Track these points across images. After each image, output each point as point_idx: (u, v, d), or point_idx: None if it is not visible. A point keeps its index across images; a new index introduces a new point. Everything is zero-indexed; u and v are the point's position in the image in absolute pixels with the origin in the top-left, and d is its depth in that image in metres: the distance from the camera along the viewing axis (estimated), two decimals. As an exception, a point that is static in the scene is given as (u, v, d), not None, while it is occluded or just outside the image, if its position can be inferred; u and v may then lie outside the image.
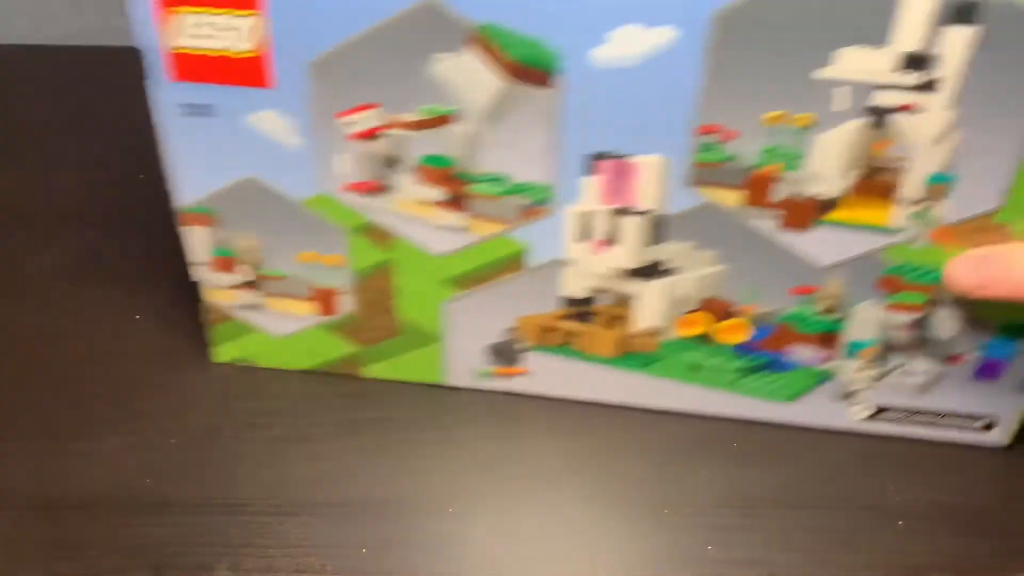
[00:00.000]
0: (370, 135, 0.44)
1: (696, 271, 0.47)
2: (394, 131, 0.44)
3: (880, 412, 0.51)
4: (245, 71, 0.43)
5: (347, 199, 0.47)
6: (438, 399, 0.54)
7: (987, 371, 0.48)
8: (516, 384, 0.53)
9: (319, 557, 0.45)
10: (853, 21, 0.38)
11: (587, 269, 0.47)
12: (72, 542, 0.46)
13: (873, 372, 0.49)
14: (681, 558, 0.45)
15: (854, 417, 0.51)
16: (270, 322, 0.53)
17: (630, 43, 0.40)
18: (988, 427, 0.51)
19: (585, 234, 0.46)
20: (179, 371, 0.55)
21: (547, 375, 0.52)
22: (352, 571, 0.45)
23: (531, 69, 0.41)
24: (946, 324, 0.46)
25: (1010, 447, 0.51)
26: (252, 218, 0.48)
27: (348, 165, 0.46)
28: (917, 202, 0.42)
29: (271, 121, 0.44)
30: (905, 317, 0.46)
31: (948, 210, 0.42)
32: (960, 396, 0.49)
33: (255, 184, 0.47)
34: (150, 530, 0.46)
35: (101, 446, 0.50)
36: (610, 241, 0.46)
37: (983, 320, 0.46)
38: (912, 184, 0.42)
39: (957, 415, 0.50)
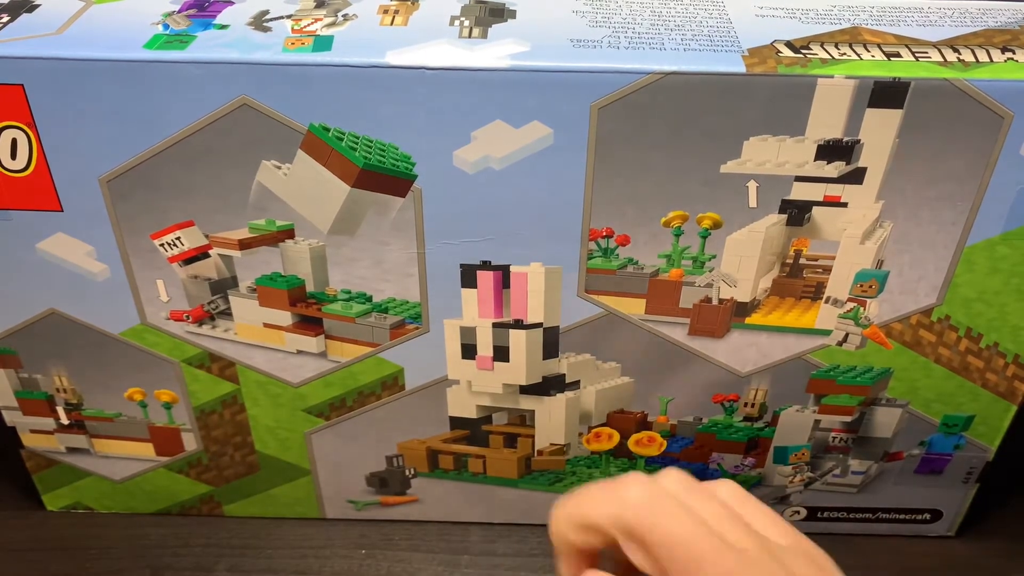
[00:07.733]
0: (194, 256, 0.36)
1: (599, 384, 0.40)
2: (222, 250, 0.36)
3: (818, 512, 0.45)
4: (23, 192, 0.34)
5: (174, 329, 0.39)
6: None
7: (930, 466, 0.43)
8: (405, 512, 0.46)
9: (318, 559, 0.44)
10: (760, 107, 0.31)
11: (476, 387, 0.40)
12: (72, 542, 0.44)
13: (806, 476, 0.43)
14: None
15: (789, 518, 0.45)
16: (103, 466, 0.44)
17: (498, 142, 0.32)
18: (934, 518, 0.45)
19: (469, 351, 0.39)
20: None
21: (440, 500, 0.45)
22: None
23: (381, 175, 0.33)
24: (885, 422, 0.41)
25: (958, 535, 0.46)
26: (60, 355, 0.40)
27: (171, 291, 0.37)
28: (845, 302, 0.36)
29: (64, 246, 0.36)
30: (838, 419, 0.41)
31: (881, 309, 0.37)
32: (901, 491, 0.44)
33: (58, 317, 0.38)
34: (150, 530, 0.45)
35: None
36: (499, 357, 0.39)
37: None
38: (838, 283, 0.36)
39: (899, 510, 0.45)
